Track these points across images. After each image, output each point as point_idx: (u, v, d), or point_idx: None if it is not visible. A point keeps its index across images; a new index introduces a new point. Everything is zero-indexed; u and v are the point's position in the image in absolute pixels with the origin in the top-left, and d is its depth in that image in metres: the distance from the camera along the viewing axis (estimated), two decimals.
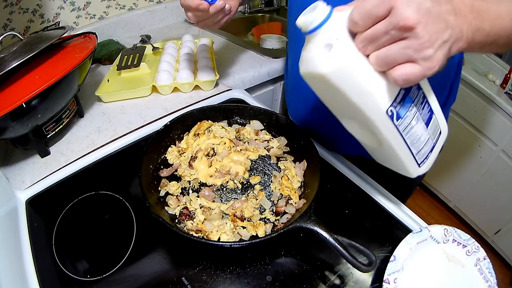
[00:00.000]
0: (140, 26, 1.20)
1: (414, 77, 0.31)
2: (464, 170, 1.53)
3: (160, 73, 0.81)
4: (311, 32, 0.34)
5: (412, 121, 0.38)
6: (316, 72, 0.35)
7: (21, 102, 0.53)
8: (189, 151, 0.62)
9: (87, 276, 0.47)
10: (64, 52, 0.67)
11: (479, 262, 0.46)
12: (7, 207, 0.54)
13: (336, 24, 0.33)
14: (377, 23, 0.31)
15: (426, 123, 0.40)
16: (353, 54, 0.33)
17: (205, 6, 0.58)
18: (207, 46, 0.93)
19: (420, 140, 0.40)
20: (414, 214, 0.54)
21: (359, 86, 0.34)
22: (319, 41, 0.34)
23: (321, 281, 0.46)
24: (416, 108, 0.38)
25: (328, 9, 0.34)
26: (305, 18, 0.34)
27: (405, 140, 0.39)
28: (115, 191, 0.58)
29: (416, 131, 0.39)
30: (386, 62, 0.32)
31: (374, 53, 0.32)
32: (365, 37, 0.32)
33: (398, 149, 0.40)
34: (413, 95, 0.37)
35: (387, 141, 0.39)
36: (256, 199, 0.54)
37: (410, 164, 0.43)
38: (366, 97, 0.35)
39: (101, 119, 0.76)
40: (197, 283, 0.45)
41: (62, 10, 1.03)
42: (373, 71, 0.33)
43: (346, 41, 0.33)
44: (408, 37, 0.30)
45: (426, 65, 0.30)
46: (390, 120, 0.36)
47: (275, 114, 0.65)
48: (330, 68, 0.33)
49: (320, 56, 0.34)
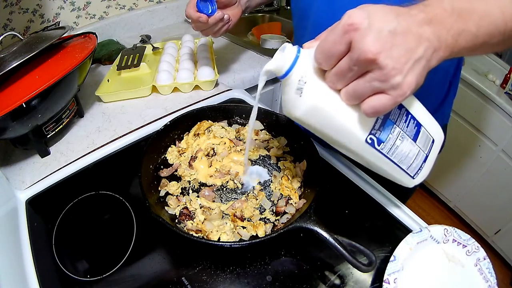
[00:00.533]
0: (140, 26, 1.20)
1: (383, 108, 0.30)
2: (464, 170, 1.53)
3: (160, 73, 0.81)
4: (284, 76, 0.36)
5: (396, 141, 0.38)
6: (293, 115, 0.37)
7: (21, 102, 0.53)
8: (189, 151, 0.62)
9: (87, 276, 0.47)
10: (64, 52, 0.67)
11: (479, 262, 0.46)
12: (7, 207, 0.54)
13: (305, 65, 0.35)
14: (340, 60, 0.30)
15: (414, 138, 0.40)
16: (322, 94, 0.34)
17: (204, 19, 0.63)
18: (207, 46, 0.93)
19: (408, 156, 0.40)
20: (414, 214, 0.54)
21: (333, 123, 0.35)
22: (292, 85, 0.36)
23: (321, 281, 0.46)
24: (399, 128, 0.38)
25: (295, 49, 0.35)
26: (277, 62, 0.36)
27: (392, 160, 0.40)
28: (115, 191, 0.58)
29: (402, 150, 0.39)
30: (355, 97, 0.31)
31: (343, 89, 0.32)
32: (332, 75, 0.32)
33: (386, 169, 0.41)
34: (393, 116, 0.37)
35: (374, 163, 0.40)
36: (256, 199, 0.54)
37: (403, 178, 0.43)
38: (343, 132, 0.36)
39: (101, 119, 0.76)
40: (197, 283, 0.45)
41: (62, 10, 1.03)
42: (346, 105, 0.34)
43: (315, 83, 0.34)
44: (372, 70, 0.29)
45: (395, 93, 0.29)
46: (372, 147, 0.37)
47: (275, 114, 0.65)
48: (302, 112, 0.36)
49: (293, 100, 0.36)
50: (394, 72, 0.28)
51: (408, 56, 0.28)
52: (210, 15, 0.64)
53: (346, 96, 0.32)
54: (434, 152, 0.43)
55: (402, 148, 0.39)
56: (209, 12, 0.64)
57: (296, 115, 0.37)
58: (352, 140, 0.37)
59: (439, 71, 0.61)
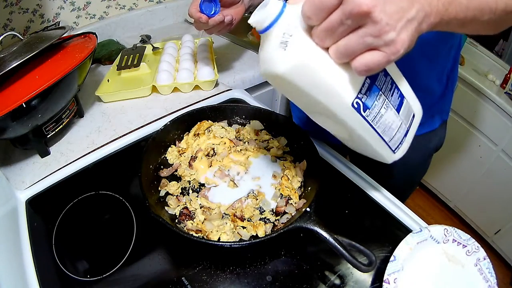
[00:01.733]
0: (140, 26, 1.20)
1: (376, 65, 0.29)
2: (464, 170, 1.53)
3: (160, 73, 0.81)
4: (265, 30, 0.33)
5: (381, 110, 0.37)
6: (273, 72, 0.33)
7: (21, 102, 0.53)
8: (189, 151, 0.62)
9: (87, 276, 0.47)
10: (64, 52, 0.67)
11: (479, 262, 0.46)
12: (7, 207, 0.54)
13: (290, 20, 0.32)
14: (330, 14, 0.29)
15: (397, 109, 0.39)
16: (309, 50, 0.31)
17: (204, 19, 0.64)
18: (207, 46, 0.93)
19: (391, 127, 0.39)
20: (414, 214, 0.54)
21: (320, 82, 0.33)
22: (274, 40, 0.33)
23: (321, 281, 0.46)
24: (384, 96, 0.37)
25: (280, 4, 0.32)
26: (258, 16, 0.33)
27: (376, 130, 0.38)
28: (115, 191, 0.58)
29: (386, 119, 0.38)
30: (346, 54, 0.30)
31: (333, 46, 0.30)
32: (320, 30, 0.30)
33: (369, 139, 0.39)
34: (379, 83, 0.36)
35: (356, 133, 0.38)
36: (256, 199, 0.54)
37: (384, 151, 0.42)
38: (329, 93, 0.34)
39: (101, 119, 0.76)
40: (197, 283, 0.45)
41: (62, 10, 1.03)
42: (334, 64, 0.32)
43: (302, 37, 0.32)
44: (365, 24, 0.27)
45: (389, 50, 0.28)
46: (357, 112, 0.35)
47: (275, 114, 0.65)
48: (287, 67, 0.32)
49: (276, 56, 0.33)
50: (388, 28, 0.27)
51: (401, 14, 0.28)
52: (212, 16, 0.64)
53: (336, 54, 0.30)
54: (414, 127, 0.42)
55: (386, 117, 0.38)
56: (211, 13, 0.65)
57: (278, 71, 0.33)
58: (338, 102, 0.34)
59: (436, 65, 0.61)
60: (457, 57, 0.65)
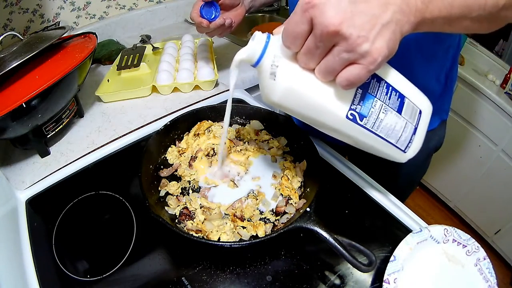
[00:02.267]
0: (140, 26, 1.20)
1: (357, 78, 0.30)
2: (464, 170, 1.53)
3: (160, 73, 0.81)
4: (257, 64, 0.36)
5: (379, 115, 0.37)
6: (271, 100, 0.37)
7: (21, 102, 0.53)
8: (189, 151, 0.62)
9: (87, 276, 0.47)
10: (64, 52, 0.67)
11: (479, 262, 0.46)
12: (7, 207, 0.54)
13: (275, 50, 0.35)
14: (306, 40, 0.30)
15: (398, 110, 0.39)
16: (295, 75, 0.34)
17: (205, 24, 0.66)
18: (207, 46, 0.93)
19: (395, 129, 0.40)
20: (414, 214, 0.54)
21: (311, 103, 0.35)
22: (265, 72, 0.36)
23: (321, 281, 0.46)
24: (381, 101, 0.37)
25: (265, 36, 0.35)
26: (248, 50, 0.36)
27: (378, 135, 0.39)
28: (115, 191, 0.58)
29: (388, 123, 0.38)
30: (328, 73, 0.31)
31: (316, 67, 0.32)
32: (301, 55, 0.32)
33: (374, 144, 0.40)
34: (373, 90, 0.36)
35: (360, 140, 0.40)
36: (256, 199, 0.54)
37: (394, 152, 0.42)
38: (322, 111, 0.36)
39: (101, 119, 0.76)
40: (197, 283, 0.45)
41: (62, 10, 1.03)
42: (322, 83, 0.34)
43: (287, 65, 0.34)
44: (338, 42, 0.28)
45: (366, 61, 0.29)
46: (354, 123, 0.37)
47: (275, 114, 0.65)
48: (279, 95, 0.36)
49: (268, 86, 0.36)
50: (360, 40, 0.28)
51: (374, 22, 0.28)
52: (213, 20, 0.66)
53: (320, 74, 0.32)
54: (423, 123, 0.43)
55: (387, 121, 0.38)
56: (212, 17, 0.67)
57: (274, 100, 0.36)
58: (332, 118, 0.36)
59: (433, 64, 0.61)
60: (456, 56, 0.65)
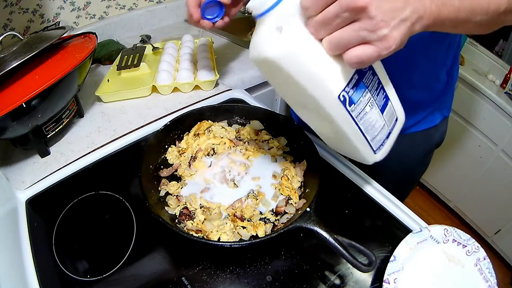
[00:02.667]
0: (140, 26, 1.20)
1: (368, 58, 0.30)
2: (464, 170, 1.53)
3: (160, 73, 0.81)
4: (263, 14, 0.34)
5: (366, 107, 0.37)
6: (265, 56, 0.34)
7: (21, 102, 0.53)
8: (189, 151, 0.62)
9: (87, 276, 0.47)
10: (64, 52, 0.67)
11: (479, 262, 0.46)
12: (7, 207, 0.54)
13: (288, 8, 0.33)
14: (328, 6, 0.30)
15: (382, 109, 0.39)
16: (303, 38, 0.32)
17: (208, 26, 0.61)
18: (207, 46, 0.93)
19: (374, 126, 0.39)
20: (414, 214, 0.54)
21: (309, 71, 0.33)
22: (270, 24, 0.33)
23: (321, 281, 0.46)
24: (370, 94, 0.37)
25: None
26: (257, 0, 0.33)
27: (359, 126, 0.38)
28: (115, 191, 0.58)
29: (370, 117, 0.38)
30: (339, 46, 0.31)
31: (327, 37, 0.31)
32: (316, 21, 0.31)
33: (352, 136, 0.39)
34: (367, 80, 0.36)
35: (340, 127, 0.38)
36: (256, 199, 0.54)
37: (365, 151, 0.42)
38: (317, 82, 0.34)
39: (101, 119, 0.76)
40: (197, 283, 0.45)
41: (62, 10, 1.03)
42: (325, 55, 0.32)
43: (297, 25, 0.32)
44: (360, 18, 0.29)
45: (381, 45, 0.29)
46: (343, 105, 0.35)
47: (275, 114, 0.65)
48: (279, 52, 0.33)
49: (270, 39, 0.33)
50: (382, 24, 0.28)
51: (396, 14, 0.29)
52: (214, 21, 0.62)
53: (329, 45, 0.32)
54: (395, 131, 0.43)
55: (370, 115, 0.38)
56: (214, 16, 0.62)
57: (270, 55, 0.33)
58: (325, 93, 0.35)
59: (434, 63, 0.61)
60: (457, 55, 0.65)
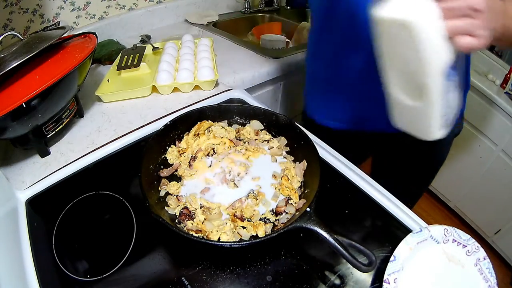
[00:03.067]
0: (140, 26, 1.20)
1: (474, 47, 0.38)
2: (464, 170, 1.52)
3: (160, 73, 0.81)
4: None
5: (451, 88, 0.42)
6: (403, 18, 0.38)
7: (21, 102, 0.53)
8: (189, 151, 0.62)
9: (87, 276, 0.47)
10: (64, 52, 0.67)
11: (479, 262, 0.46)
12: (7, 207, 0.54)
13: None
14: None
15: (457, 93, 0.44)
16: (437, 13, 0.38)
17: None
18: (207, 46, 0.93)
19: (451, 106, 0.44)
20: (414, 214, 0.54)
21: (435, 41, 0.38)
22: None
23: (321, 281, 0.46)
24: (455, 78, 0.42)
25: None
26: None
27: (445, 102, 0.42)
28: (115, 191, 0.58)
29: (452, 97, 0.43)
30: (454, 30, 0.38)
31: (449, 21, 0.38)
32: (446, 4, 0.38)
33: (435, 108, 0.43)
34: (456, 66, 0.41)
35: (431, 98, 0.42)
36: (256, 199, 0.54)
37: (435, 125, 0.45)
38: (436, 53, 0.39)
39: (101, 119, 0.76)
40: (197, 283, 0.45)
41: (62, 10, 1.03)
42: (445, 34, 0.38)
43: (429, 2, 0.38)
44: (475, 17, 0.37)
45: (484, 40, 0.38)
46: (444, 79, 0.40)
47: (275, 114, 0.65)
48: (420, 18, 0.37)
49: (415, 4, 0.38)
50: (487, 26, 0.38)
51: (492, 23, 0.39)
52: None
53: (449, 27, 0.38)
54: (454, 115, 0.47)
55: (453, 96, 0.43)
56: None
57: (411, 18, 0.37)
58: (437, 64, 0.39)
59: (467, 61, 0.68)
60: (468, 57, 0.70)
